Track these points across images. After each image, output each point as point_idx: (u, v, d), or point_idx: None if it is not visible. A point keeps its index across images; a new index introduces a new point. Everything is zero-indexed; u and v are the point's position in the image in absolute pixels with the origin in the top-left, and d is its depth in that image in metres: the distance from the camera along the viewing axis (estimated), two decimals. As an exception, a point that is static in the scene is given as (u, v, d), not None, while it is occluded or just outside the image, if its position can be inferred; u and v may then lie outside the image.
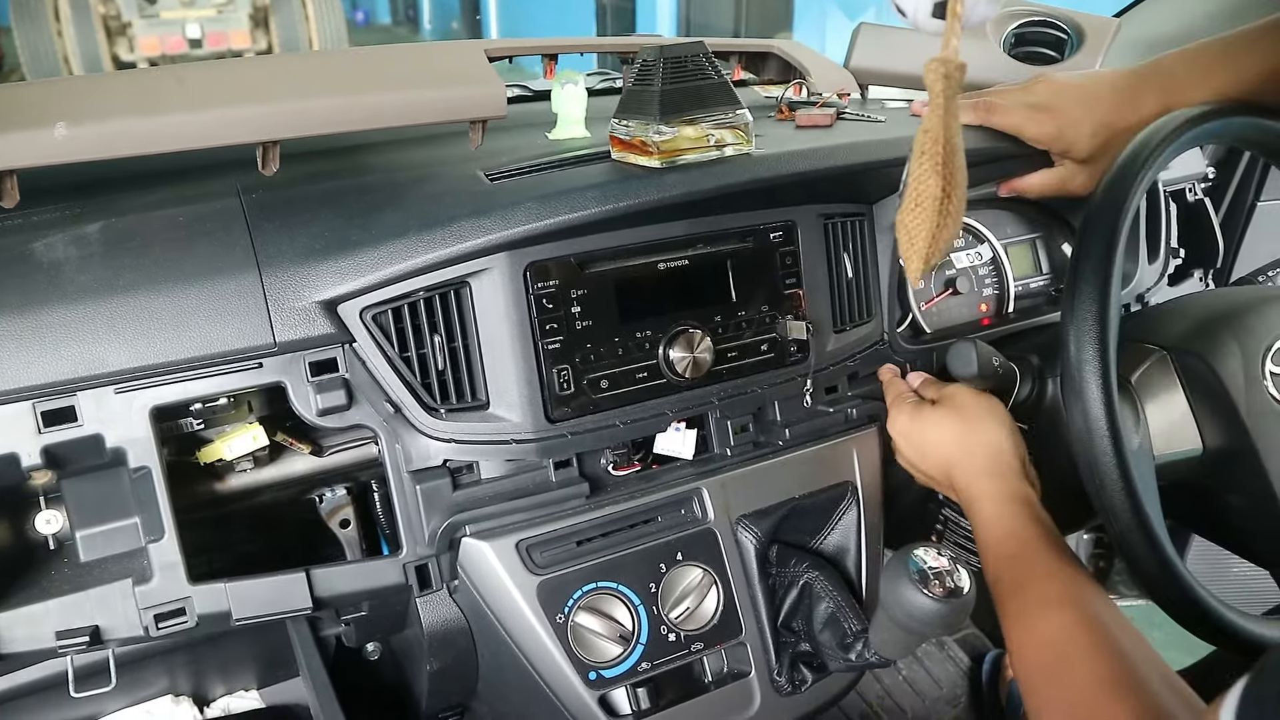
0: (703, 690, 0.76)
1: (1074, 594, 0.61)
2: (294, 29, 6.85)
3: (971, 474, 0.73)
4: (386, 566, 0.71)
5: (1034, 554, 0.65)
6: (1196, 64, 0.78)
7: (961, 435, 0.75)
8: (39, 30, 6.10)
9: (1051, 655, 0.58)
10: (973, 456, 0.74)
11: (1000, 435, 0.75)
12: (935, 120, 0.48)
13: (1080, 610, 0.59)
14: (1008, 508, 0.70)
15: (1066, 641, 0.57)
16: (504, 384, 0.70)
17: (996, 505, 0.70)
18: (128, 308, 0.64)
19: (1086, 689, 0.54)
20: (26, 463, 0.64)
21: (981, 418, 0.76)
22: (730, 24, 7.37)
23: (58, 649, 0.65)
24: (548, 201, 0.67)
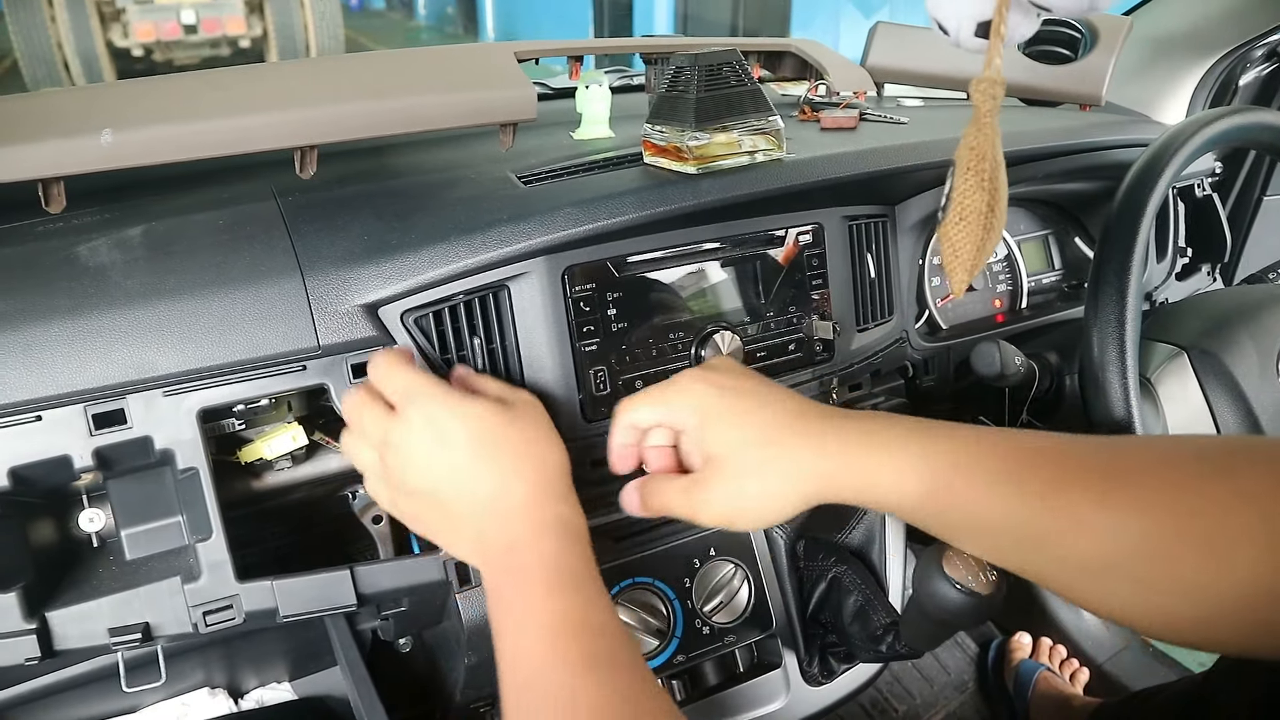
0: (736, 681, 0.78)
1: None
2: (289, 14, 6.81)
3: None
4: (427, 563, 0.73)
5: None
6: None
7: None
8: (32, 16, 6.05)
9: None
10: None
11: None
12: (983, 138, 0.49)
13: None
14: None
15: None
16: (542, 385, 0.72)
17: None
18: (175, 312, 0.65)
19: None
20: (78, 464, 0.65)
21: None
22: (728, 19, 7.36)
23: (111, 645, 0.67)
24: (586, 207, 0.69)
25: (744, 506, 0.55)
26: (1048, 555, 0.47)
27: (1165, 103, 1.22)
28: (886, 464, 0.51)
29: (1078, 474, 0.47)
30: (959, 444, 0.50)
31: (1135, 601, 0.45)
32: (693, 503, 0.57)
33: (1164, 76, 1.22)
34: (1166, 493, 0.44)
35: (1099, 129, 1.04)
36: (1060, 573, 0.47)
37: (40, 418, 0.64)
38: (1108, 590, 0.46)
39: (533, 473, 0.60)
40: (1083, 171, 1.03)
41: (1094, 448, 0.49)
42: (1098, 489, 0.46)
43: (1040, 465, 0.48)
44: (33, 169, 0.64)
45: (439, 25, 15.21)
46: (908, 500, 0.51)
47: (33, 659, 0.64)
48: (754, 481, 0.55)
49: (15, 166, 0.63)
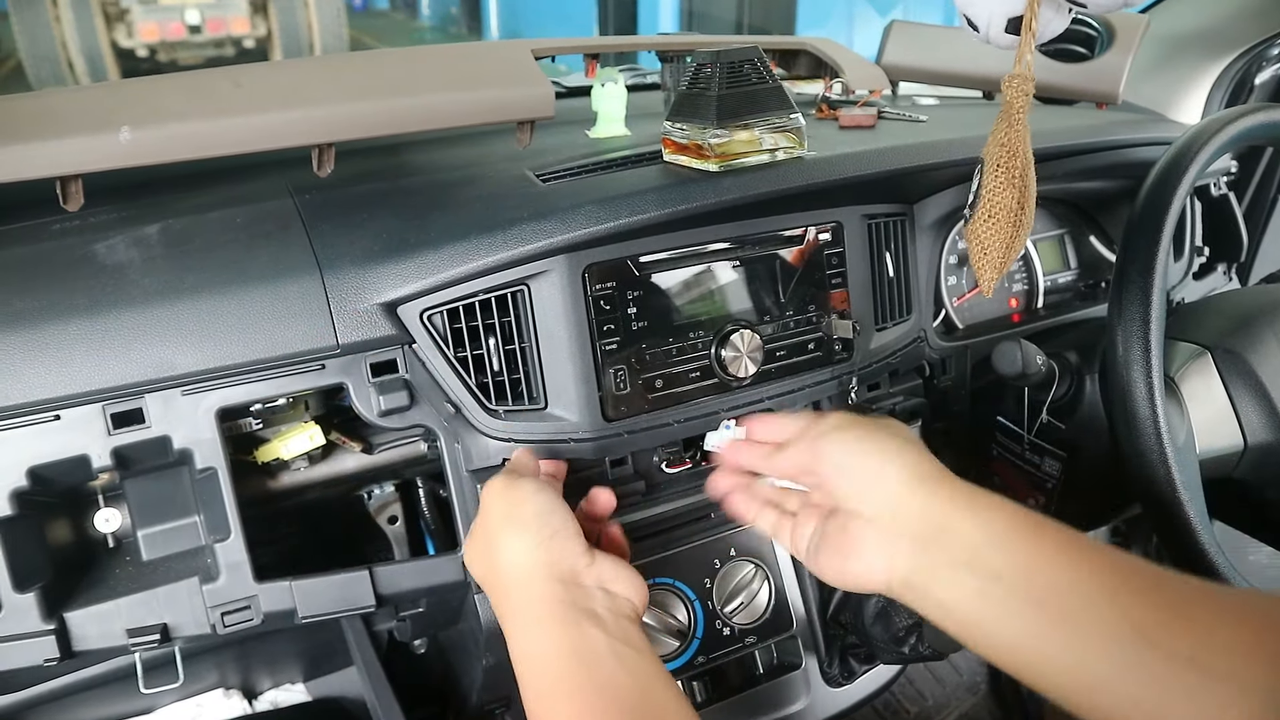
0: (757, 682, 0.78)
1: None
2: (293, 14, 6.82)
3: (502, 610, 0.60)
4: (445, 564, 0.73)
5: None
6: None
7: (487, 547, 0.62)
8: (37, 16, 6.06)
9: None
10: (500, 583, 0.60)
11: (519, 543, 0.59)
12: (1014, 135, 0.49)
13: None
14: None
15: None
16: (562, 384, 0.71)
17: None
18: (194, 310, 0.64)
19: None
20: (97, 464, 0.65)
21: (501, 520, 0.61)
22: (733, 16, 7.35)
23: (129, 646, 0.66)
24: (608, 205, 0.68)
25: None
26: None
27: (1181, 101, 1.21)
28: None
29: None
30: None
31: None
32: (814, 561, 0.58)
33: (1180, 75, 1.21)
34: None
35: (1116, 128, 1.03)
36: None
37: (59, 417, 0.64)
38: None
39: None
40: (1100, 170, 1.02)
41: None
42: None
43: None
44: (51, 166, 0.64)
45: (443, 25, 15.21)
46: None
47: (52, 660, 0.64)
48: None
49: (34, 164, 0.63)
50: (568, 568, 0.57)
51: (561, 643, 0.53)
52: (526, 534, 0.58)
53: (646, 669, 0.53)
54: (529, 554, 0.58)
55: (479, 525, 0.63)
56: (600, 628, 0.54)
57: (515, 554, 0.58)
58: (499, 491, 0.62)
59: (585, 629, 0.53)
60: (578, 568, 0.57)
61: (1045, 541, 0.50)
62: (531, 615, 0.56)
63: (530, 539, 0.58)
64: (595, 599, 0.56)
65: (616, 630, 0.54)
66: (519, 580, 0.58)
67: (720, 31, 7.57)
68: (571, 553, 0.58)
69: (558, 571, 0.57)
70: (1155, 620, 0.45)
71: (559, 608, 0.55)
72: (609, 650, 0.53)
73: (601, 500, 0.68)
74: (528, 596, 0.57)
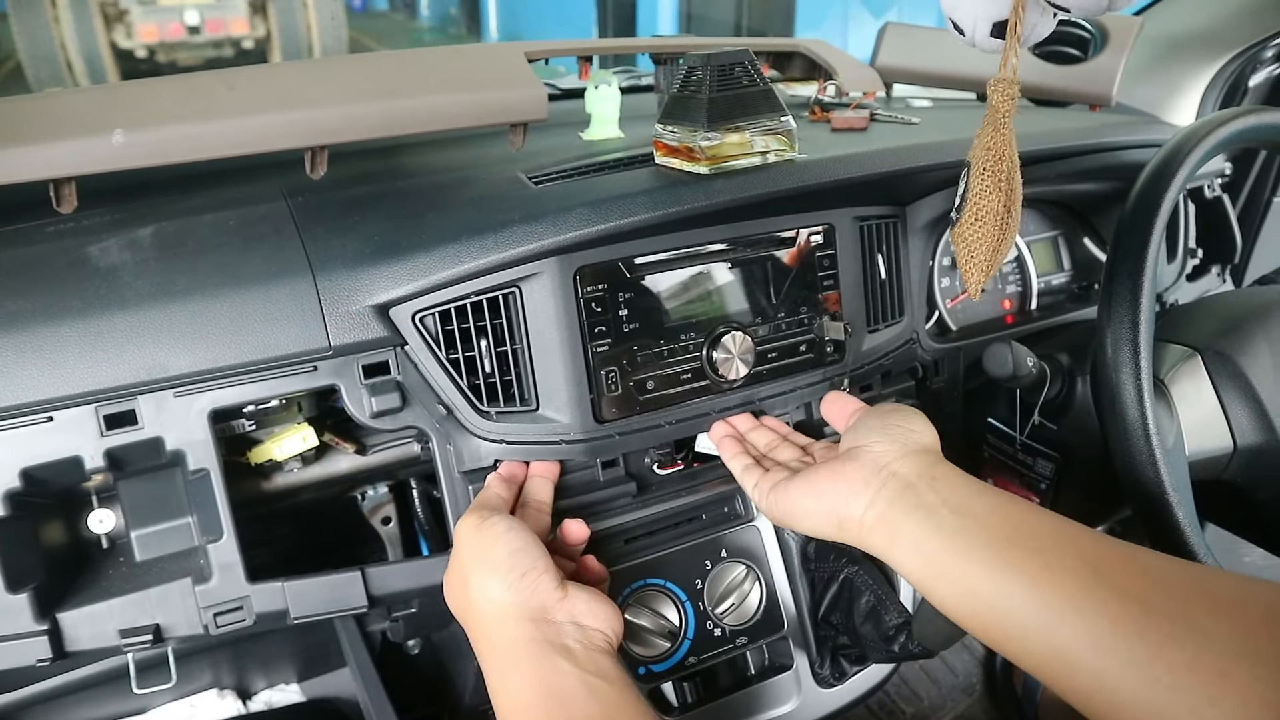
0: (748, 683, 0.78)
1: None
2: (292, 15, 6.82)
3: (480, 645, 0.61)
4: (437, 565, 0.73)
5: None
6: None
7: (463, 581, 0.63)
8: (36, 16, 6.06)
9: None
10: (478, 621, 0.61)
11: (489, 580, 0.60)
12: (999, 138, 0.49)
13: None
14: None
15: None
16: (554, 386, 0.72)
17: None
18: (186, 312, 0.65)
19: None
20: (89, 465, 0.65)
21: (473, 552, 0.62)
22: (732, 18, 7.35)
23: (121, 647, 0.66)
24: (599, 207, 0.69)
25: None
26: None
27: (1175, 103, 1.21)
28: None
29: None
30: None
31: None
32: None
33: (1174, 77, 1.21)
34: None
35: (1109, 129, 1.04)
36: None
37: (51, 418, 0.64)
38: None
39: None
40: (1093, 172, 1.02)
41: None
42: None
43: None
44: (45, 169, 0.64)
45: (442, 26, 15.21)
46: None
47: (44, 660, 0.64)
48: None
49: (27, 167, 0.63)
50: (538, 605, 0.58)
51: (534, 680, 0.54)
52: (496, 575, 0.59)
53: (620, 699, 0.54)
54: (500, 595, 0.59)
55: (454, 563, 0.64)
56: (572, 661, 0.55)
57: (487, 595, 0.59)
58: (469, 532, 0.63)
59: (557, 664, 0.54)
60: (548, 604, 0.58)
61: (1029, 505, 0.53)
62: (506, 655, 0.56)
63: (501, 580, 0.59)
64: (567, 634, 0.57)
65: (589, 664, 0.55)
66: (492, 621, 0.59)
67: (719, 33, 7.58)
68: (543, 590, 0.58)
69: (528, 611, 0.58)
70: (1109, 560, 0.47)
71: (531, 646, 0.56)
72: (580, 684, 0.53)
73: (573, 532, 0.70)
74: (501, 637, 0.58)
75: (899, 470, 0.57)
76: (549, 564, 0.60)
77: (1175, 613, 0.43)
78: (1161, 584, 0.45)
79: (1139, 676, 0.42)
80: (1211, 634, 0.42)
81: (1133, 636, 0.43)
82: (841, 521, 0.58)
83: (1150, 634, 0.43)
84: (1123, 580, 0.46)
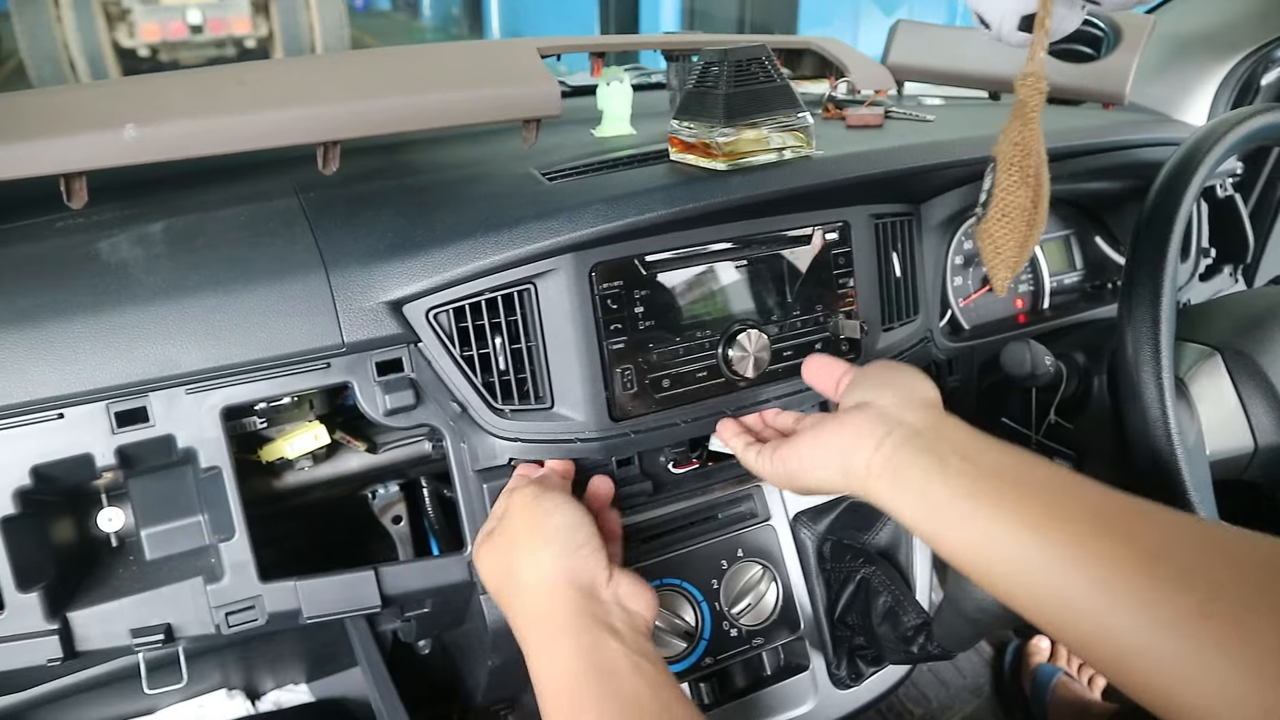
0: (764, 684, 0.77)
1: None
2: (294, 14, 6.81)
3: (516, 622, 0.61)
4: (451, 564, 0.72)
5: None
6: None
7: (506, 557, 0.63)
8: (38, 15, 6.05)
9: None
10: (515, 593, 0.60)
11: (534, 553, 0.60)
12: (1028, 134, 0.48)
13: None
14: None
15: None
16: (568, 384, 0.71)
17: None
18: (198, 309, 0.64)
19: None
20: (101, 463, 0.65)
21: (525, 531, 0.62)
22: (735, 14, 7.34)
23: (133, 646, 0.66)
24: (616, 204, 0.68)
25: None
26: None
27: (1187, 102, 1.21)
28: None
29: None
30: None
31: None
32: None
33: (1186, 76, 1.21)
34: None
35: (1123, 128, 1.03)
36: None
37: (62, 415, 0.63)
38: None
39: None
40: (1106, 171, 1.02)
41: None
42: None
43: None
44: (56, 164, 0.63)
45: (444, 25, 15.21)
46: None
47: (55, 660, 0.63)
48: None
49: (39, 161, 0.63)
50: (587, 581, 0.58)
51: (578, 652, 0.54)
52: (551, 546, 0.59)
53: (665, 683, 0.53)
54: (551, 566, 0.58)
55: (501, 533, 0.63)
56: (618, 640, 0.54)
57: (538, 564, 0.59)
58: (526, 501, 0.63)
59: (603, 639, 0.54)
60: (597, 583, 0.58)
61: (1037, 457, 0.51)
62: (553, 625, 0.56)
63: (554, 551, 0.59)
64: (613, 613, 0.57)
65: (634, 644, 0.55)
66: (539, 590, 0.58)
67: (722, 30, 7.57)
68: (593, 567, 0.58)
69: (577, 582, 0.57)
70: (1119, 510, 0.46)
71: (579, 618, 0.55)
72: (628, 662, 0.53)
73: (602, 488, 0.71)
74: (549, 607, 0.57)
75: (906, 419, 0.56)
76: (601, 544, 0.60)
77: (1185, 562, 0.42)
78: (1172, 534, 0.44)
79: (1146, 623, 0.41)
80: (1223, 583, 0.41)
81: (1140, 582, 0.42)
82: (847, 469, 0.57)
83: (1158, 581, 0.42)
84: (1132, 529, 0.45)
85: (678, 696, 0.53)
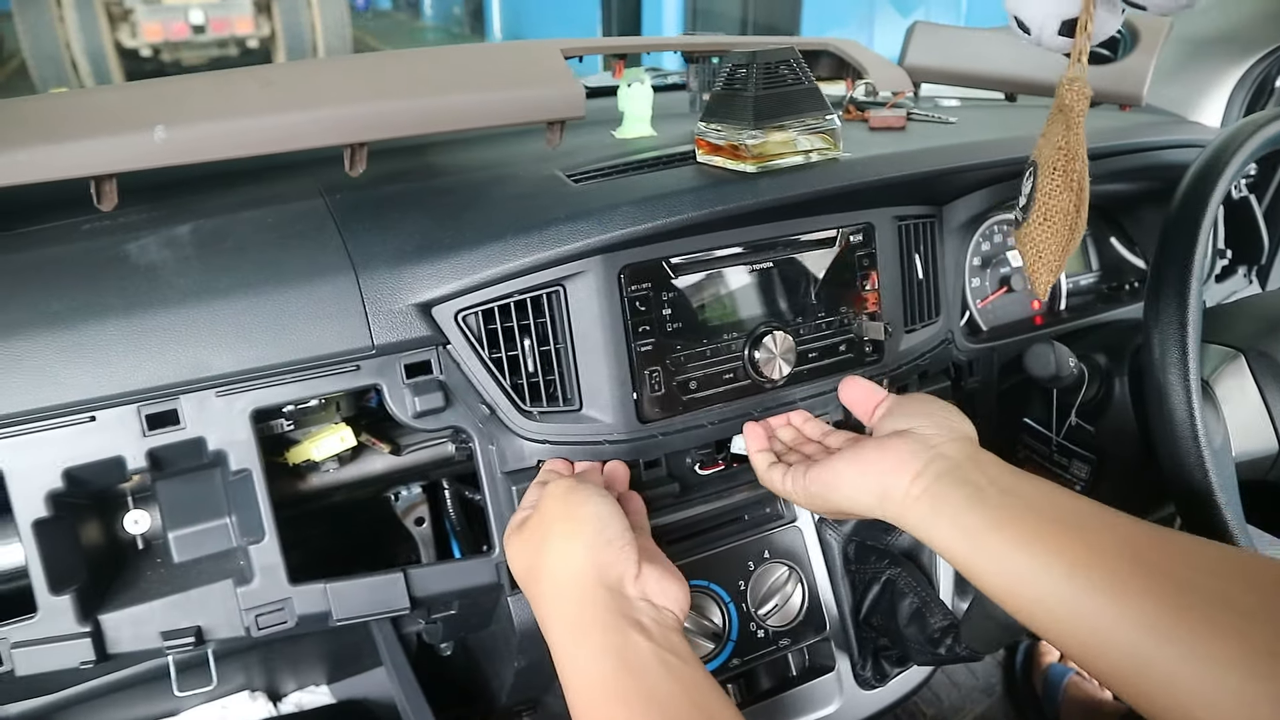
0: (790, 685, 0.77)
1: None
2: (296, 14, 6.81)
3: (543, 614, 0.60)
4: (479, 566, 0.72)
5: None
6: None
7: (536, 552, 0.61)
8: (40, 16, 6.05)
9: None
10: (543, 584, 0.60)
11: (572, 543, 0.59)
12: (1072, 138, 0.48)
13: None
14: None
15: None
16: (597, 386, 0.71)
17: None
18: (228, 311, 0.64)
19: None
20: (132, 465, 0.65)
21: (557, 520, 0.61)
22: (738, 14, 7.33)
23: (164, 649, 0.66)
24: (645, 206, 0.68)
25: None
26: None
27: (1202, 104, 1.21)
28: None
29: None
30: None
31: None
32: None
33: (1201, 78, 1.21)
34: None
35: (1141, 130, 1.03)
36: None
37: (94, 418, 0.63)
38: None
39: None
40: (1124, 173, 1.02)
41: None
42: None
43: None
44: (87, 166, 0.63)
45: (445, 26, 15.20)
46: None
47: (89, 662, 0.63)
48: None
49: (70, 164, 0.63)
50: (616, 576, 0.57)
51: (607, 651, 0.53)
52: (581, 536, 0.58)
53: (695, 678, 0.53)
54: (580, 557, 0.58)
55: (533, 523, 0.63)
56: (646, 637, 0.54)
57: (568, 554, 0.58)
58: (561, 492, 0.62)
59: (631, 637, 0.53)
60: (626, 577, 0.58)
61: (1070, 491, 0.53)
62: (580, 621, 0.55)
63: (586, 542, 0.58)
64: (641, 610, 0.56)
65: (663, 640, 0.54)
66: (566, 585, 0.58)
67: (725, 29, 7.56)
68: (624, 561, 0.58)
69: (606, 580, 0.57)
70: (1151, 543, 0.47)
71: (606, 614, 0.55)
72: (656, 659, 0.52)
73: (619, 470, 0.72)
74: (575, 601, 0.56)
75: (947, 451, 0.58)
76: (633, 540, 0.60)
77: (1215, 592, 0.43)
78: (1201, 565, 0.45)
79: (1177, 654, 0.42)
80: (1253, 613, 0.42)
81: (1171, 615, 0.43)
82: (885, 493, 0.58)
83: (1188, 612, 0.43)
84: (1163, 561, 0.46)
85: (710, 692, 0.53)
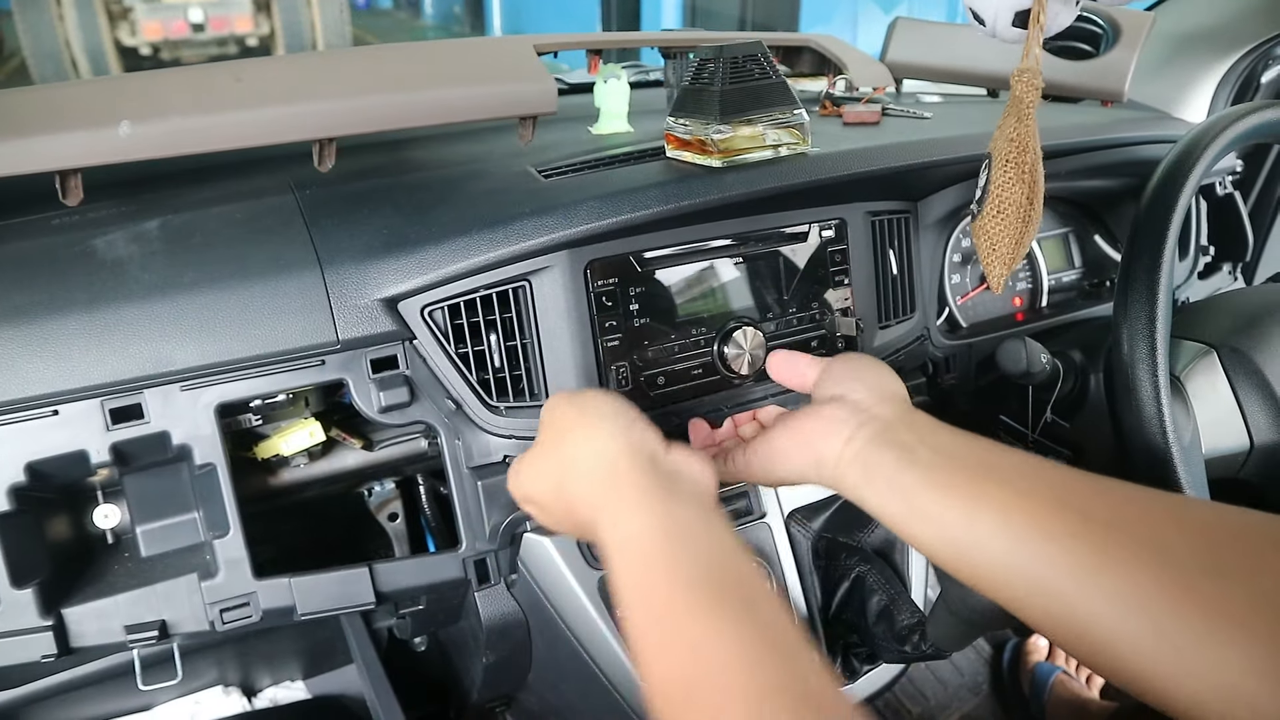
0: (758, 682, 0.77)
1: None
2: (296, 13, 6.82)
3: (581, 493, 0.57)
4: (446, 561, 0.72)
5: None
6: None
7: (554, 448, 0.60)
8: (40, 14, 6.06)
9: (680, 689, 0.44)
10: (576, 466, 0.58)
11: (597, 433, 0.57)
12: (1023, 129, 0.48)
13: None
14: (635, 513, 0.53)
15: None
16: (563, 381, 0.71)
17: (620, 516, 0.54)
18: (193, 306, 0.64)
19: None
20: (95, 460, 0.65)
21: (572, 422, 0.59)
22: (737, 12, 7.33)
23: (127, 643, 0.66)
24: (610, 201, 0.68)
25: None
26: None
27: (1186, 100, 1.21)
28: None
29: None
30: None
31: None
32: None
33: (1186, 73, 1.21)
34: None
35: (1122, 125, 1.03)
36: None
37: (57, 412, 0.63)
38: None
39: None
40: (1105, 169, 1.02)
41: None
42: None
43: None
44: (51, 160, 0.63)
45: (445, 24, 15.21)
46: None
47: (49, 656, 0.63)
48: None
49: (34, 158, 0.63)
50: (649, 452, 0.56)
51: (653, 517, 0.51)
52: (604, 425, 0.57)
53: (734, 546, 0.51)
54: (608, 442, 0.56)
55: (546, 438, 0.60)
56: (687, 506, 0.52)
57: (594, 443, 0.56)
58: (566, 399, 0.60)
59: (674, 506, 0.52)
60: (658, 452, 0.56)
61: (1004, 445, 0.52)
62: (625, 500, 0.53)
63: (609, 428, 0.56)
64: (679, 480, 0.55)
65: (706, 506, 0.53)
66: (603, 469, 0.55)
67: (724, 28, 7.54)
68: (651, 439, 0.57)
69: (639, 456, 0.55)
70: (1080, 489, 0.46)
71: (647, 487, 0.53)
72: (703, 523, 0.51)
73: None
74: (616, 482, 0.54)
75: (878, 413, 0.57)
76: (650, 421, 0.59)
77: (1142, 534, 0.43)
78: (1132, 508, 0.45)
79: (1105, 598, 0.42)
80: (1176, 550, 0.41)
81: (1098, 558, 0.43)
82: (819, 459, 0.58)
83: (1115, 554, 0.43)
84: (1091, 505, 0.46)
85: (746, 559, 0.51)
